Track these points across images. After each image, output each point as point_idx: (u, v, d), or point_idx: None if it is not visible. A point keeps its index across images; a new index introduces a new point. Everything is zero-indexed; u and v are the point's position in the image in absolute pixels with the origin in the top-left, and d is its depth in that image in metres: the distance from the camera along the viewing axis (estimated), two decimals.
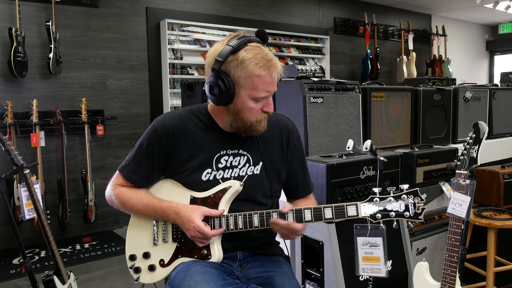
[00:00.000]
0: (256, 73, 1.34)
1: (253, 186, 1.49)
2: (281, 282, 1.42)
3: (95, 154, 4.45)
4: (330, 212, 1.35)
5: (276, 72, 1.37)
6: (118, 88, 4.63)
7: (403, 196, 1.32)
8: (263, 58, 1.36)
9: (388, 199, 1.33)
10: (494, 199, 2.70)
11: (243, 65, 1.35)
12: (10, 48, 3.78)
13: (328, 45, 6.32)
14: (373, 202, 1.34)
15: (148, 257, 1.49)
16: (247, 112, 1.40)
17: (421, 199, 1.31)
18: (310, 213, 1.37)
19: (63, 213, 4.06)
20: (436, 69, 7.79)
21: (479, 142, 1.79)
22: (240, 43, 1.36)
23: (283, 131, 1.56)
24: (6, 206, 2.14)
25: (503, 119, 3.56)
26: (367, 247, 1.52)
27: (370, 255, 1.52)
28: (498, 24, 9.31)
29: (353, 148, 1.87)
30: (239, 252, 1.50)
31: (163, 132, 1.46)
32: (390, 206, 1.32)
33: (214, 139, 1.49)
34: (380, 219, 1.33)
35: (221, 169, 1.48)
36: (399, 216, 1.32)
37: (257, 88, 1.36)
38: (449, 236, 1.80)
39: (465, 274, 2.45)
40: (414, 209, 1.31)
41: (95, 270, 3.46)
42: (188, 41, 5.02)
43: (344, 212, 1.35)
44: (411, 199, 1.31)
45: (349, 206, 1.35)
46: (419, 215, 1.31)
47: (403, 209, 1.32)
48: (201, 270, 1.36)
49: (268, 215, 1.40)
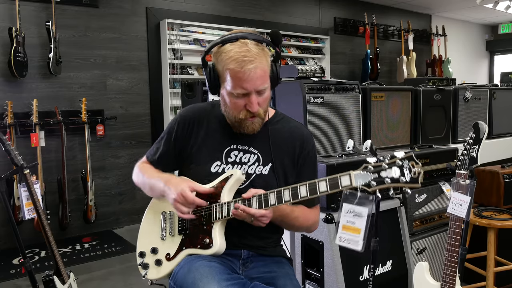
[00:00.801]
0: (229, 66, 1.36)
1: (261, 186, 1.48)
2: (283, 283, 1.43)
3: (95, 154, 4.45)
4: (325, 184, 1.32)
5: (248, 68, 1.34)
6: (118, 88, 4.63)
7: (398, 161, 1.24)
8: (240, 52, 1.35)
9: (383, 166, 1.25)
10: (494, 199, 2.70)
11: (221, 57, 1.38)
12: (10, 48, 3.78)
13: (328, 45, 6.32)
14: (367, 170, 1.27)
15: (156, 252, 1.52)
16: (231, 106, 1.43)
17: (416, 163, 1.23)
18: (305, 188, 1.34)
19: (63, 213, 4.06)
20: (436, 69, 7.79)
21: (479, 142, 1.79)
22: (231, 37, 1.37)
23: (297, 137, 1.56)
24: (6, 206, 2.14)
25: (503, 119, 3.56)
26: (350, 215, 1.46)
27: (351, 225, 1.46)
28: (498, 24, 9.31)
29: (353, 148, 1.87)
30: (243, 250, 1.50)
31: (182, 120, 1.55)
32: (384, 173, 1.25)
33: (227, 133, 1.52)
34: (375, 186, 1.26)
35: (231, 164, 1.49)
36: (394, 182, 1.24)
37: (231, 82, 1.37)
38: (449, 236, 1.80)
39: (465, 274, 2.45)
40: (410, 174, 1.23)
41: (95, 270, 3.46)
42: (188, 41, 5.02)
43: (338, 182, 1.30)
44: (406, 164, 1.23)
45: (342, 176, 1.30)
46: (416, 180, 1.23)
47: (398, 174, 1.23)
48: (206, 264, 1.36)
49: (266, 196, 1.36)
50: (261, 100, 1.42)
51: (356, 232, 1.45)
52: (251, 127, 1.45)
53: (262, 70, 1.38)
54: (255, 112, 1.41)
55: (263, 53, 1.40)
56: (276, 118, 1.58)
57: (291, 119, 1.63)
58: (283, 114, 1.63)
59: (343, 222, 1.46)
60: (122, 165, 4.65)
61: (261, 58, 1.38)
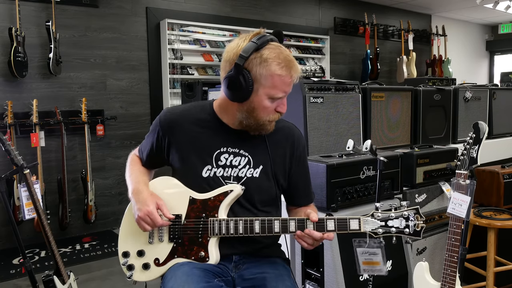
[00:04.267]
0: (278, 72, 1.36)
1: (252, 189, 1.48)
2: (274, 285, 1.40)
3: (95, 154, 4.45)
4: (333, 224, 1.37)
5: (296, 73, 1.39)
6: (118, 88, 4.63)
7: (404, 213, 1.35)
8: (285, 58, 1.37)
9: (389, 215, 1.36)
10: (494, 199, 2.70)
11: (266, 63, 1.35)
12: (10, 48, 3.78)
13: (328, 45, 6.32)
14: (374, 218, 1.37)
15: (142, 255, 1.48)
16: (262, 110, 1.41)
17: (421, 216, 1.35)
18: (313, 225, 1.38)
19: (63, 213, 4.06)
20: (436, 69, 7.79)
21: (479, 142, 1.79)
22: (264, 41, 1.37)
23: (289, 138, 1.56)
24: (6, 206, 2.14)
25: (503, 119, 3.56)
26: (366, 255, 1.58)
27: (370, 260, 1.59)
28: (498, 24, 9.31)
29: (353, 148, 1.87)
30: (235, 256, 1.49)
31: (163, 123, 1.52)
32: (391, 222, 1.36)
33: (214, 136, 1.49)
34: (381, 234, 1.37)
35: (221, 167, 1.48)
36: (399, 232, 1.36)
37: (276, 87, 1.38)
38: (449, 236, 1.79)
39: (465, 274, 2.45)
40: (414, 227, 1.35)
41: (95, 270, 3.46)
42: (188, 41, 5.03)
43: (346, 225, 1.37)
44: (412, 217, 1.35)
45: (351, 220, 1.37)
46: (418, 233, 1.35)
47: (403, 225, 1.35)
48: (186, 271, 1.36)
49: (270, 222, 1.39)
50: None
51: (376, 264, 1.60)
52: (270, 127, 1.47)
53: None
54: (284, 112, 1.46)
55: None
56: None
57: (281, 119, 1.61)
58: None
59: (362, 260, 1.60)
60: (122, 165, 4.65)
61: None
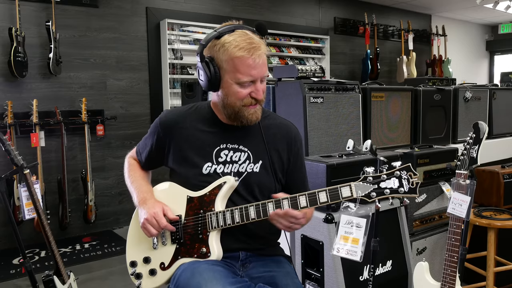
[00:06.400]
0: (237, 54, 1.35)
1: (252, 184, 1.49)
2: (285, 283, 1.42)
3: (95, 154, 4.45)
4: (325, 195, 1.35)
5: (257, 54, 1.36)
6: (118, 88, 4.63)
7: (396, 172, 1.31)
8: (244, 40, 1.36)
9: (382, 177, 1.32)
10: (494, 199, 2.70)
11: (224, 48, 1.37)
12: (10, 48, 3.78)
13: (328, 45, 6.32)
14: (366, 181, 1.33)
15: (148, 261, 1.48)
16: (233, 96, 1.40)
17: (414, 173, 1.30)
18: (305, 198, 1.36)
19: (63, 213, 4.06)
20: (436, 69, 7.79)
21: (479, 142, 1.78)
22: (226, 29, 1.38)
23: (286, 135, 1.56)
24: (6, 206, 2.14)
25: (503, 119, 3.56)
26: (349, 226, 1.51)
27: (349, 235, 1.51)
28: (498, 24, 9.30)
29: (353, 148, 1.87)
30: (241, 252, 1.50)
31: (163, 125, 1.53)
32: (384, 184, 1.31)
33: (214, 133, 1.50)
34: (375, 197, 1.32)
35: (222, 163, 1.49)
36: (394, 192, 1.31)
37: (239, 71, 1.37)
38: (449, 236, 1.79)
39: (465, 274, 2.46)
40: (408, 184, 1.30)
41: (95, 270, 3.46)
42: (188, 41, 5.02)
43: (338, 194, 1.34)
44: (405, 175, 1.30)
45: (343, 188, 1.34)
46: (414, 190, 1.29)
47: (397, 185, 1.31)
48: (210, 268, 1.35)
49: (263, 205, 1.39)
50: (263, 88, 1.44)
51: (354, 243, 1.50)
52: (255, 116, 1.44)
53: (265, 57, 1.40)
54: (260, 99, 1.42)
55: (262, 41, 1.42)
56: (264, 114, 1.56)
57: (277, 116, 1.63)
58: (268, 110, 1.63)
59: (341, 233, 1.51)
60: (122, 165, 4.56)
61: (263, 46, 1.40)
